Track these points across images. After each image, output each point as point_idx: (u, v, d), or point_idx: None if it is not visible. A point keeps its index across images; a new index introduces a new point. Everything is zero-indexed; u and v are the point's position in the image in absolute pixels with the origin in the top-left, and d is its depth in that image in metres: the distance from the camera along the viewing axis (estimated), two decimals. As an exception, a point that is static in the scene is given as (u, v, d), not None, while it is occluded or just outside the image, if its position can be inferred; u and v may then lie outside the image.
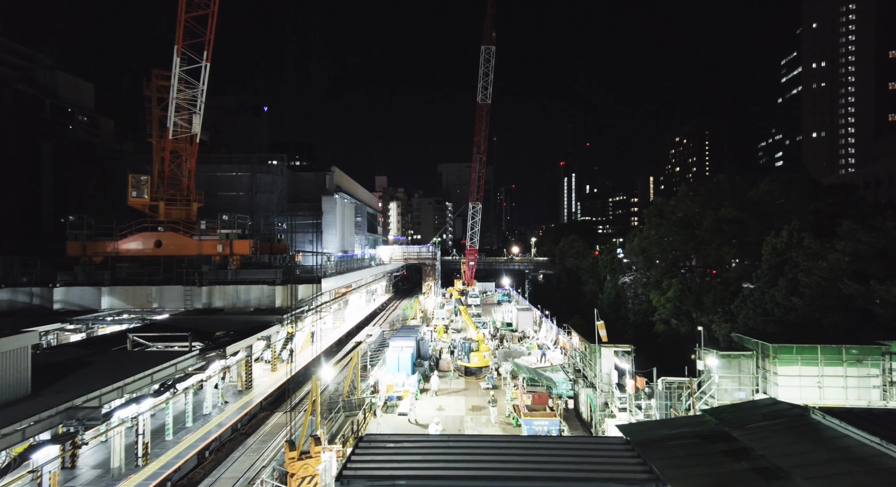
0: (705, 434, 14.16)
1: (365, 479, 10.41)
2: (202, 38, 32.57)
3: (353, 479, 10.44)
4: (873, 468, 10.84)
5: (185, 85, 33.83)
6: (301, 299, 36.84)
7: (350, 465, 11.04)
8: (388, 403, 33.89)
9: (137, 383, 19.08)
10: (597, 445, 12.19)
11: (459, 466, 11.02)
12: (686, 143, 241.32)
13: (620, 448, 11.83)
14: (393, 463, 11.13)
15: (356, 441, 12.26)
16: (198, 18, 31.72)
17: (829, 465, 11.34)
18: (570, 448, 11.94)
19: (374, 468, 10.94)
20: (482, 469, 10.90)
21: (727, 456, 12.78)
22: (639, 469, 10.74)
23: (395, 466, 11.00)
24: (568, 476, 10.49)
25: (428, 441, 12.38)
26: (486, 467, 10.96)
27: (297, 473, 16.05)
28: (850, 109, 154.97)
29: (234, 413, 30.28)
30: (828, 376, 22.42)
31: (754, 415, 14.65)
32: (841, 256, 29.30)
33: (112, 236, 36.77)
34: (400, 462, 11.24)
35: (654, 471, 10.58)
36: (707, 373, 24.26)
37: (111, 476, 21.10)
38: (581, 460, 11.22)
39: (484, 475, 10.61)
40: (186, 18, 31.06)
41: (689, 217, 60.42)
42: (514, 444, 12.18)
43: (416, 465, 11.08)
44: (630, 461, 11.19)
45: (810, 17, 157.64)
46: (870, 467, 10.90)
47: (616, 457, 11.36)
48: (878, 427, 12.33)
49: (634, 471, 10.68)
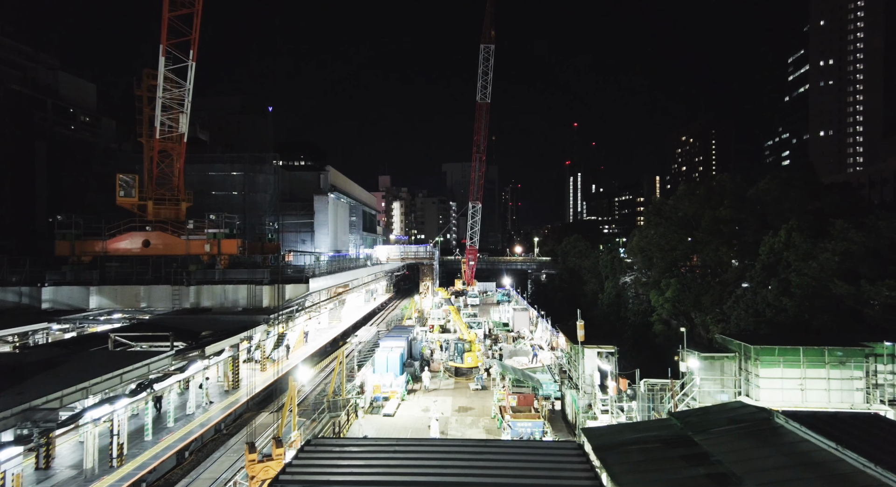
0: (668, 439, 13.82)
1: (300, 484, 10.19)
2: (188, 37, 32.51)
3: (288, 484, 10.23)
4: (826, 473, 10.49)
5: (172, 84, 33.79)
6: (289, 298, 36.71)
7: (289, 469, 10.83)
8: (374, 404, 33.70)
9: (105, 383, 18.97)
10: (548, 450, 11.91)
11: (401, 472, 10.78)
12: (692, 142, 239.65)
13: (571, 453, 11.53)
14: (333, 469, 10.90)
15: (302, 445, 12.04)
16: (183, 17, 31.66)
17: (783, 471, 10.99)
18: (520, 452, 11.67)
19: (313, 473, 10.72)
20: (423, 474, 10.66)
21: (685, 461, 12.45)
22: (583, 476, 10.46)
23: (334, 471, 10.77)
24: (509, 483, 10.22)
25: (373, 446, 12.14)
26: (428, 473, 10.71)
27: (258, 475, 15.87)
28: (858, 107, 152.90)
29: (218, 413, 30.19)
30: (810, 378, 21.94)
31: (720, 419, 14.29)
32: (831, 256, 28.74)
33: (101, 235, 36.79)
34: (340, 466, 11.02)
35: (598, 478, 10.30)
36: (689, 375, 23.85)
37: (84, 477, 21.03)
38: (527, 466, 10.96)
39: (422, 481, 10.36)
40: (171, 17, 31.00)
41: (688, 217, 59.83)
42: (462, 449, 11.92)
43: (356, 470, 10.86)
44: (578, 467, 10.90)
45: (818, 13, 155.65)
46: (823, 472, 10.55)
47: (565, 463, 11.07)
48: (840, 431, 11.96)
49: (579, 478, 10.40)
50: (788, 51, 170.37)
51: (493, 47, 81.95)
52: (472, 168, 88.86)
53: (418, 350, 44.04)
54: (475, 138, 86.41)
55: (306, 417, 32.21)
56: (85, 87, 69.52)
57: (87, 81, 71.00)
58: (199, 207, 43.23)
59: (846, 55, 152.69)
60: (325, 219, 50.40)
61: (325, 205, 50.38)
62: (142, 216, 37.84)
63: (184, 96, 34.80)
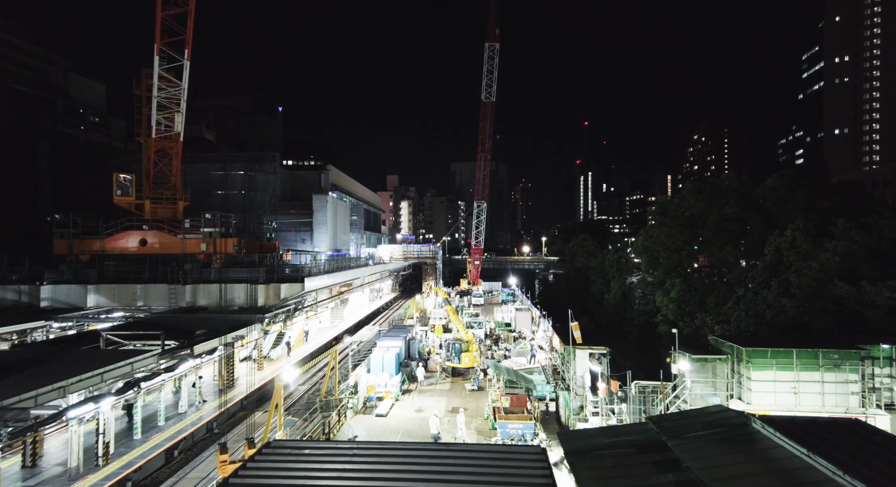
0: (642, 444, 13.45)
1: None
2: (182, 37, 32.57)
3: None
4: (795, 481, 10.07)
5: (167, 84, 33.88)
6: (284, 298, 36.66)
7: (241, 472, 10.65)
8: (368, 404, 33.55)
9: (84, 382, 18.96)
10: (510, 455, 11.59)
11: (356, 476, 10.55)
12: (705, 141, 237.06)
13: (532, 458, 11.23)
14: (286, 472, 10.71)
15: (260, 447, 11.86)
16: (176, 17, 31.72)
17: (752, 478, 10.59)
18: (482, 457, 11.38)
19: (265, 476, 10.52)
20: (378, 479, 10.42)
21: (655, 468, 12.08)
22: (539, 483, 10.16)
23: (286, 475, 10.57)
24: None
25: (331, 449, 11.93)
26: (382, 477, 10.47)
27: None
28: (874, 104, 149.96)
29: (211, 412, 30.18)
30: (804, 381, 21.34)
31: (697, 424, 13.87)
32: (832, 256, 28.01)
33: (99, 234, 37.03)
34: (295, 469, 10.82)
35: (554, 485, 10.00)
36: (681, 377, 23.36)
37: (68, 475, 21.07)
38: (485, 471, 10.68)
39: (375, 486, 10.12)
40: (164, 16, 31.07)
41: (693, 217, 58.99)
42: (422, 452, 11.66)
43: (310, 474, 10.65)
44: (537, 473, 10.61)
45: (833, 9, 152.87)
46: (792, 480, 10.13)
47: (524, 469, 10.78)
48: (815, 438, 11.51)
49: (534, 485, 10.10)
50: (803, 48, 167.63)
51: (497, 46, 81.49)
52: (477, 167, 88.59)
53: (416, 350, 43.82)
54: (480, 137, 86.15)
55: (299, 417, 32.20)
56: (95, 87, 70.37)
57: (99, 81, 71.89)
58: (199, 206, 43.38)
59: (862, 51, 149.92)
60: (323, 218, 50.39)
61: (323, 204, 50.36)
62: (139, 215, 38.05)
63: (179, 96, 34.87)
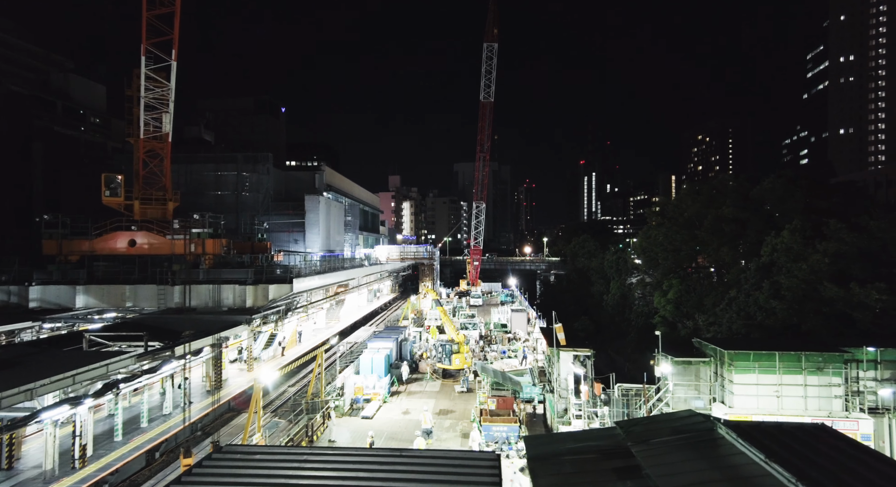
0: (607, 449, 13.15)
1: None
2: (168, 37, 32.50)
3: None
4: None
5: (154, 84, 33.82)
6: (272, 298, 36.52)
7: (185, 478, 10.44)
8: (354, 406, 33.32)
9: (54, 385, 18.82)
10: (462, 461, 11.33)
11: (302, 483, 10.31)
12: (709, 141, 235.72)
13: (483, 465, 10.98)
14: (232, 478, 10.48)
15: (210, 452, 11.65)
16: (163, 17, 31.65)
17: (709, 485, 10.29)
18: (432, 463, 11.13)
19: (209, 483, 10.30)
20: (323, 486, 10.18)
21: (615, 475, 11.79)
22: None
23: (232, 482, 10.35)
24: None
25: (282, 455, 11.70)
26: (328, 484, 10.23)
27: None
28: (880, 104, 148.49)
29: (195, 413, 30.04)
30: (787, 385, 20.93)
31: (664, 429, 13.56)
32: (821, 257, 27.55)
33: (88, 235, 37.02)
34: (241, 476, 10.60)
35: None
36: (664, 380, 23.01)
37: (43, 478, 20.95)
38: (433, 479, 10.41)
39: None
40: (149, 17, 31.00)
41: (691, 217, 58.54)
42: (374, 459, 11.40)
43: (256, 481, 10.42)
44: (485, 481, 10.34)
45: (838, 8, 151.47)
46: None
47: (473, 476, 10.52)
48: (777, 443, 11.19)
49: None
50: (807, 47, 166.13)
51: (496, 46, 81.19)
52: (476, 168, 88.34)
53: (408, 351, 43.55)
54: (479, 138, 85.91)
55: (284, 418, 32.05)
56: (95, 89, 70.65)
57: (101, 82, 72.15)
58: (194, 206, 43.32)
59: (867, 51, 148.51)
60: (315, 218, 50.23)
61: (316, 204, 50.20)
62: (129, 216, 38.01)
63: (167, 96, 34.80)
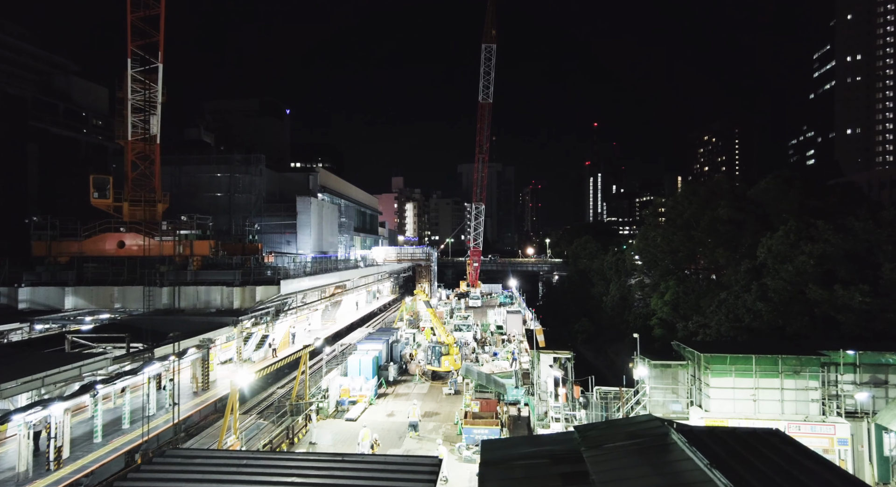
0: (559, 455, 12.94)
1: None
2: (154, 39, 32.60)
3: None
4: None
5: (141, 86, 33.94)
6: (259, 300, 36.50)
7: (117, 483, 10.34)
8: (339, 408, 33.24)
9: (21, 387, 18.85)
10: (403, 466, 11.16)
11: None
12: (715, 141, 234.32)
13: (423, 470, 10.81)
14: (167, 483, 10.38)
15: (151, 457, 11.57)
16: (148, 19, 31.74)
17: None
18: (373, 469, 10.98)
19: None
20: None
21: (562, 481, 11.60)
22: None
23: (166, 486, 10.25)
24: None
25: (222, 460, 11.59)
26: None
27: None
28: (887, 103, 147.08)
29: (180, 415, 30.01)
30: (763, 388, 20.61)
31: (619, 434, 13.33)
32: (807, 258, 27.17)
33: (77, 236, 37.19)
34: (177, 481, 10.49)
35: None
36: (641, 383, 22.75)
37: (15, 480, 20.94)
38: (368, 484, 10.27)
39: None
40: (133, 19, 31.10)
41: (689, 218, 58.17)
42: (315, 464, 11.28)
43: (191, 485, 10.31)
44: (419, 485, 10.18)
45: (845, 7, 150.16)
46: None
47: (409, 482, 10.36)
48: (725, 449, 10.97)
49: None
50: (814, 46, 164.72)
51: (494, 47, 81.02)
52: (475, 169, 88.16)
53: (399, 353, 43.44)
54: (478, 138, 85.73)
55: (268, 419, 31.99)
56: (97, 91, 71.02)
57: (103, 84, 72.50)
58: (185, 208, 43.35)
59: (875, 50, 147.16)
60: (307, 220, 50.24)
61: (307, 206, 50.22)
62: (118, 218, 38.16)
63: (155, 98, 34.91)
